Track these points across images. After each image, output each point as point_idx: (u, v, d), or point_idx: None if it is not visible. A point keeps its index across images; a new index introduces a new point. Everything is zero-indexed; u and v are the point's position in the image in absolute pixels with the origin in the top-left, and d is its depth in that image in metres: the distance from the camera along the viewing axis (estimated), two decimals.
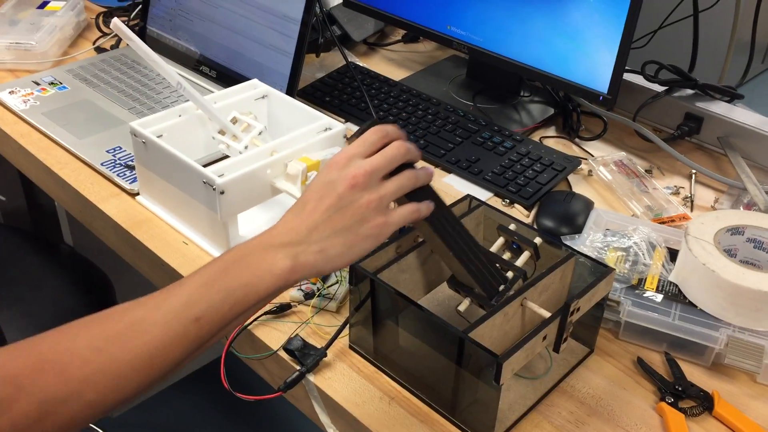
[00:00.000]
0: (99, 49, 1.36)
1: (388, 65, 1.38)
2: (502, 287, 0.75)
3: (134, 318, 0.59)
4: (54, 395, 0.56)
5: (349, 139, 0.68)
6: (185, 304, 0.60)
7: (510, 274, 0.77)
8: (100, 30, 1.42)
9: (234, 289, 0.61)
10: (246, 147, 0.94)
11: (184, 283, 0.62)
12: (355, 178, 0.63)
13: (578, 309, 0.73)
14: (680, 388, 0.77)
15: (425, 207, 0.68)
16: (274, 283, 0.61)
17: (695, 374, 0.79)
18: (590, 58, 1.08)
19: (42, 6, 1.41)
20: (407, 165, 0.67)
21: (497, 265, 0.77)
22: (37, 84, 1.23)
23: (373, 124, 0.67)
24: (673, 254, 0.89)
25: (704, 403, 0.76)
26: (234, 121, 0.96)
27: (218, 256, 0.64)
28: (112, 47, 1.35)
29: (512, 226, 0.81)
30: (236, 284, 0.61)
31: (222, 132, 0.96)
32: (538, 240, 0.79)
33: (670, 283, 0.85)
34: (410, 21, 1.27)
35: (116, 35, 1.37)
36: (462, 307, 0.75)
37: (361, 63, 1.36)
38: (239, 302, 0.61)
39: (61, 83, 1.24)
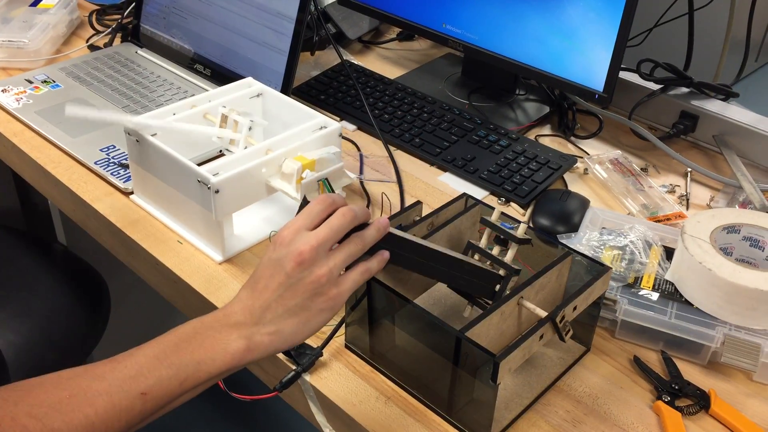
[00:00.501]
0: (92, 47, 1.35)
1: (383, 63, 1.38)
2: (497, 287, 0.75)
3: (79, 387, 0.58)
4: None
5: (296, 213, 0.67)
6: (133, 377, 0.59)
7: (503, 272, 0.76)
8: (93, 28, 1.41)
9: (185, 365, 0.60)
10: (245, 147, 0.94)
11: (135, 354, 0.61)
12: (301, 255, 0.62)
13: (575, 308, 0.73)
14: (677, 387, 0.77)
15: (376, 262, 0.67)
16: (227, 363, 0.61)
17: (692, 373, 0.79)
18: (586, 56, 1.07)
19: (35, 4, 1.40)
20: (359, 225, 0.66)
21: (489, 262, 0.76)
22: (30, 82, 1.22)
23: (306, 201, 0.67)
24: (669, 253, 0.89)
25: (701, 401, 0.76)
26: (224, 119, 0.96)
27: (172, 330, 0.63)
28: (106, 45, 1.35)
29: (494, 217, 0.80)
30: (188, 360, 0.60)
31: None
32: (520, 228, 0.77)
33: (667, 281, 0.85)
34: (405, 19, 1.27)
35: (110, 33, 1.37)
36: (466, 313, 0.75)
37: (356, 61, 1.36)
38: (189, 379, 0.60)
39: (54, 81, 1.23)
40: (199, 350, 0.61)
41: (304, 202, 0.67)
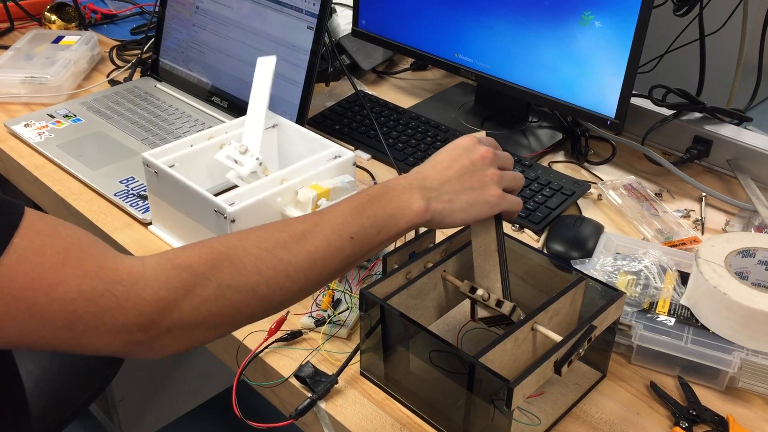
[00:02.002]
0: (112, 82, 1.38)
1: (397, 93, 1.40)
2: (512, 308, 0.75)
3: (296, 230, 0.65)
4: (230, 283, 0.60)
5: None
6: (341, 224, 0.67)
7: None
8: (113, 63, 1.45)
9: (380, 217, 0.68)
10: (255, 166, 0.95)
11: (336, 208, 0.69)
12: (486, 152, 0.75)
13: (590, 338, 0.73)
14: (694, 413, 0.76)
15: (521, 206, 0.79)
16: (412, 218, 0.70)
17: (709, 398, 0.79)
18: (597, 83, 1.08)
19: (57, 41, 1.44)
20: None
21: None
22: (52, 117, 1.25)
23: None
24: (684, 277, 0.88)
25: (719, 427, 0.75)
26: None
27: (361, 191, 0.71)
28: (126, 80, 1.38)
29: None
30: (382, 213, 0.69)
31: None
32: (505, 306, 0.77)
33: (682, 306, 0.85)
34: (418, 49, 1.29)
35: (130, 67, 1.40)
36: (480, 293, 0.76)
37: (370, 91, 1.37)
38: (384, 229, 0.68)
39: (75, 115, 1.26)
40: (390, 205, 0.69)
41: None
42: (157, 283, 0.57)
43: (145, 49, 1.42)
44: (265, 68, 1.01)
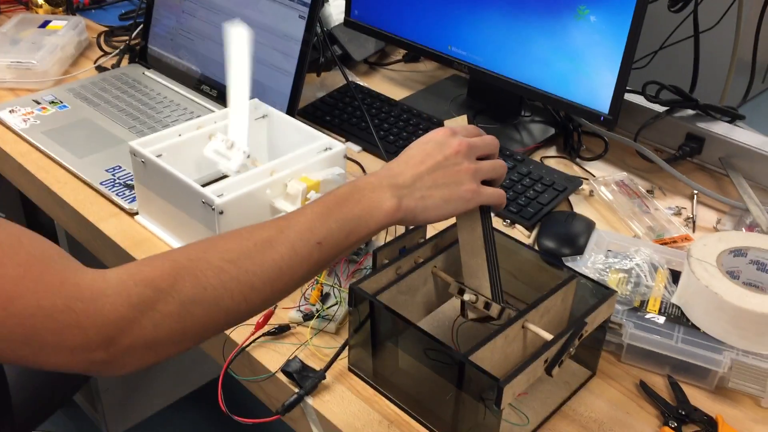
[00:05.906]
0: (100, 68, 1.36)
1: (389, 85, 1.38)
2: (499, 307, 0.74)
3: (261, 238, 0.64)
4: (193, 298, 0.59)
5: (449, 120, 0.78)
6: (307, 229, 0.65)
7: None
8: (101, 49, 1.43)
9: (349, 219, 0.66)
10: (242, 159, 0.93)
11: (303, 212, 0.67)
12: (460, 145, 0.72)
13: (582, 336, 0.72)
14: (684, 413, 0.76)
15: (504, 198, 0.76)
16: (382, 218, 0.68)
17: (699, 398, 0.78)
18: (591, 78, 1.07)
19: (43, 25, 1.41)
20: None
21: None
22: (38, 103, 1.23)
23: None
24: (675, 276, 0.88)
25: (708, 427, 0.75)
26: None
27: (330, 192, 0.69)
28: (114, 66, 1.36)
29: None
30: (351, 216, 0.67)
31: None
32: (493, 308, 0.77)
33: (673, 305, 0.84)
34: (411, 41, 1.28)
35: (118, 54, 1.38)
36: (467, 297, 0.75)
37: (361, 82, 1.36)
38: (353, 232, 0.67)
39: (61, 102, 1.24)
40: (359, 206, 0.67)
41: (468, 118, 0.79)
42: (119, 300, 0.56)
43: (133, 35, 1.40)
44: (239, 40, 0.91)
